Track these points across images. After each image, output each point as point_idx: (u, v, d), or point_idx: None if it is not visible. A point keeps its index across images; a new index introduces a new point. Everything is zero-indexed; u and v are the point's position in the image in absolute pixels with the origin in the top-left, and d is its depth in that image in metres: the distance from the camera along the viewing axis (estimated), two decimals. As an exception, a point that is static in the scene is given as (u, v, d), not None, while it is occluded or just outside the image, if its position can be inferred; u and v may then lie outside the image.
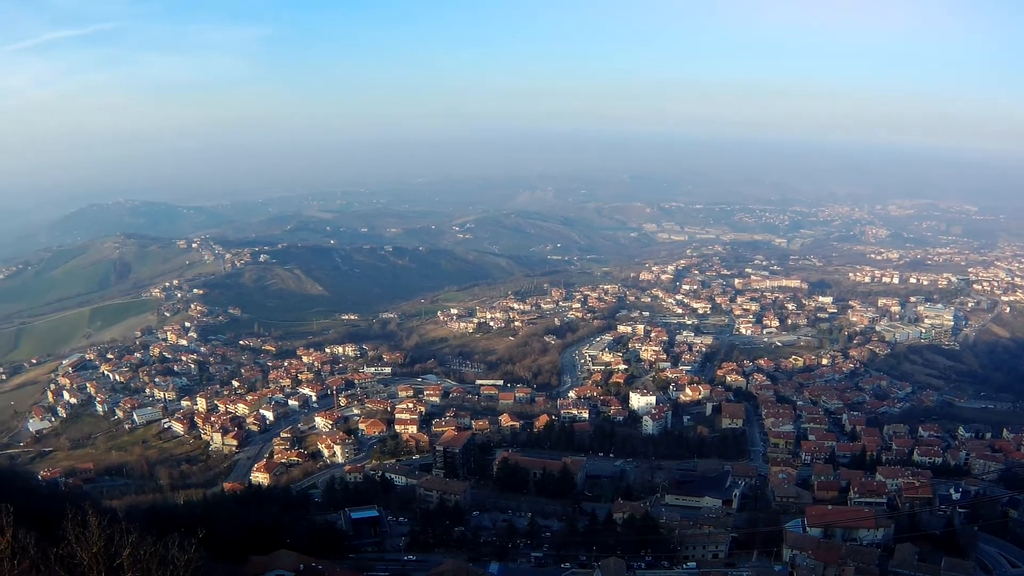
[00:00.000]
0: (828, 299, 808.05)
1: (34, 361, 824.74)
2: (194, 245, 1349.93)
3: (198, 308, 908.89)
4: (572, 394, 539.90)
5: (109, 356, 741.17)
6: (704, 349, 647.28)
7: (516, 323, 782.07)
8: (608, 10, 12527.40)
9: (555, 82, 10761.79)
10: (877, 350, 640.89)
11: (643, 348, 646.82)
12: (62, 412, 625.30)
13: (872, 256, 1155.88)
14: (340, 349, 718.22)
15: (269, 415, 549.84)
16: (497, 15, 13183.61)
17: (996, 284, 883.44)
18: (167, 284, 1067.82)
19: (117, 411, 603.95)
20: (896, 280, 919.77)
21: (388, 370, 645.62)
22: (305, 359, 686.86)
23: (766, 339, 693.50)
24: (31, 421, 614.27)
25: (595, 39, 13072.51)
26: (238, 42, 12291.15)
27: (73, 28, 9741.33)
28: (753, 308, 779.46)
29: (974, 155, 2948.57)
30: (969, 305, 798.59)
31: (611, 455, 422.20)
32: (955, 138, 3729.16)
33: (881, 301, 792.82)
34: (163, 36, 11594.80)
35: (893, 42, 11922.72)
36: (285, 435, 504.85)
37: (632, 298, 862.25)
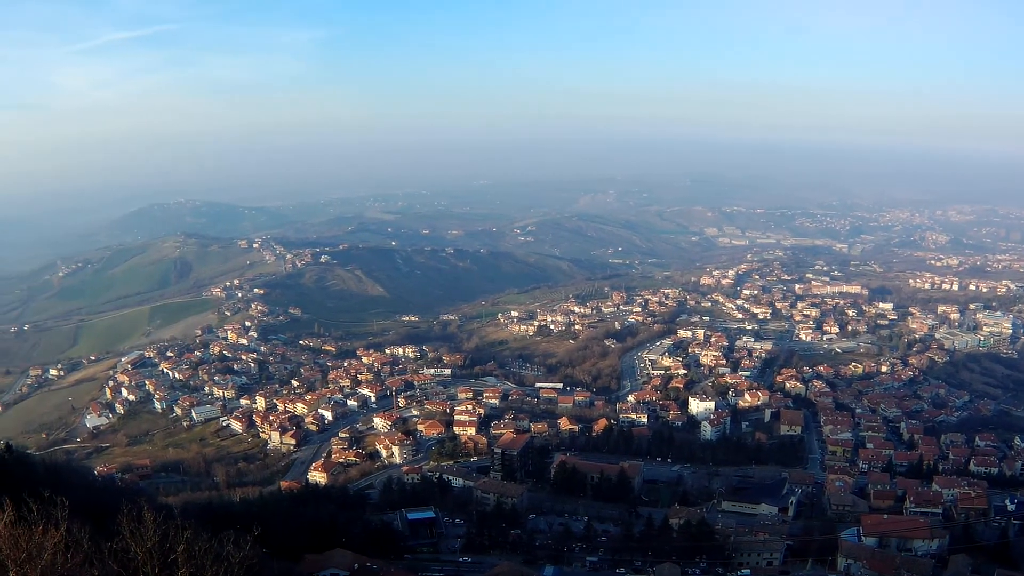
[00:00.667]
0: (888, 306, 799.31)
1: (92, 358, 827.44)
2: (255, 245, 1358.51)
3: (259, 308, 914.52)
4: (631, 398, 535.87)
5: (169, 354, 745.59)
6: (764, 355, 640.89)
7: (576, 326, 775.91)
8: (670, 14, 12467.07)
9: (616, 85, 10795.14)
10: (936, 358, 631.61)
11: (703, 353, 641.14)
12: (120, 409, 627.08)
13: (932, 262, 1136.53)
14: (400, 350, 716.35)
15: (328, 415, 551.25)
16: (556, 17, 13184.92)
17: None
18: (228, 283, 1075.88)
19: (175, 408, 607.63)
20: (955, 287, 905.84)
21: (448, 372, 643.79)
22: (365, 360, 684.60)
23: (826, 345, 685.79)
24: (88, 417, 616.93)
25: (657, 42, 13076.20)
26: (297, 44, 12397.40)
27: (134, 30, 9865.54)
28: (813, 314, 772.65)
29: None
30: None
31: (669, 460, 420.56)
32: (1016, 143, 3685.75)
33: (940, 308, 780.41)
34: (222, 38, 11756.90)
35: (952, 46, 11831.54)
36: (343, 435, 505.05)
37: (692, 302, 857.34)
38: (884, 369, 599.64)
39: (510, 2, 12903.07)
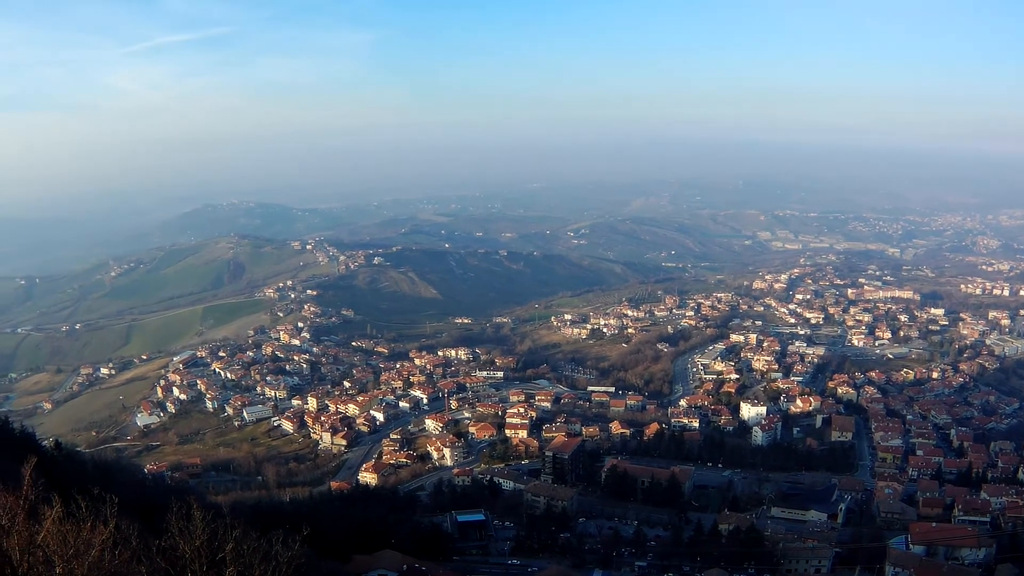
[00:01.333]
0: (939, 311, 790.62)
1: (144, 357, 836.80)
2: (308, 246, 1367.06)
3: (311, 309, 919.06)
4: (683, 403, 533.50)
5: (221, 354, 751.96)
6: (816, 360, 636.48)
7: (629, 330, 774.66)
8: (722, 15, 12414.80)
9: (669, 87, 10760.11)
10: (986, 364, 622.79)
11: (755, 358, 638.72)
12: (171, 408, 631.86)
13: (983, 267, 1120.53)
14: (452, 352, 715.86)
15: (379, 416, 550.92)
16: (608, 20, 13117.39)
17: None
18: (281, 284, 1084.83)
19: (227, 408, 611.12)
20: (1006, 292, 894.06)
21: (500, 374, 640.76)
22: (417, 361, 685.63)
23: (877, 351, 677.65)
24: (139, 416, 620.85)
25: (708, 44, 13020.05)
26: (350, 46, 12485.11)
27: (187, 32, 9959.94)
28: (866, 319, 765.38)
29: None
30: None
31: (719, 465, 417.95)
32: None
33: (991, 314, 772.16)
34: (275, 40, 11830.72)
35: (1011, 48, 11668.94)
36: (395, 436, 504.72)
37: (745, 307, 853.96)
38: (935, 375, 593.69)
39: (562, 5, 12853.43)
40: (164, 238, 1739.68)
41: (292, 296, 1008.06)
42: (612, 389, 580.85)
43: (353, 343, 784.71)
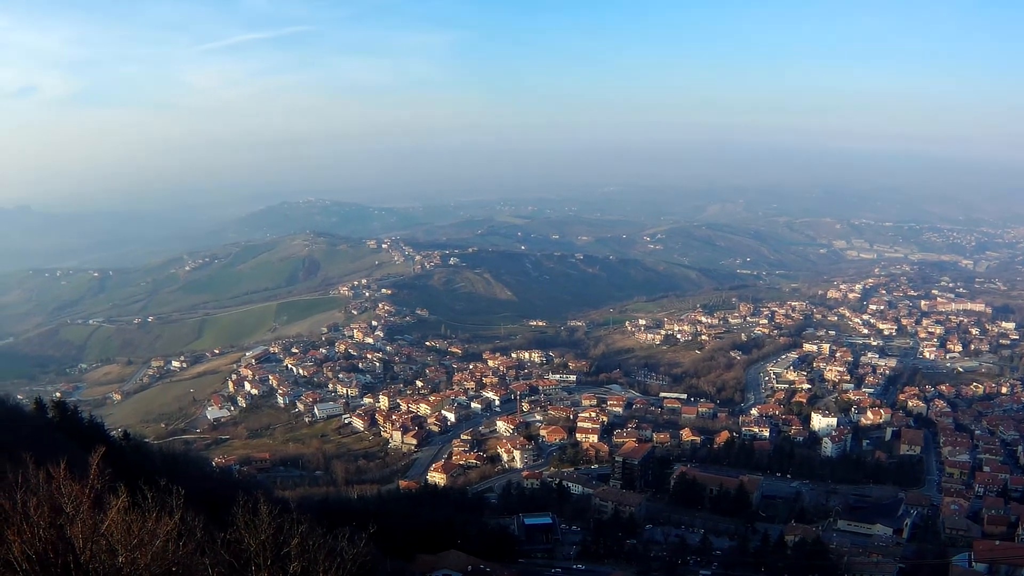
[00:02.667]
0: (1011, 325, 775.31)
1: (216, 351, 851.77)
2: (384, 246, 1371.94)
3: (386, 307, 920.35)
4: (754, 411, 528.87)
5: (294, 350, 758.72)
6: (887, 372, 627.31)
7: (703, 337, 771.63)
8: (799, 22, 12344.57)
9: (746, 92, 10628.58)
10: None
11: (827, 368, 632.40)
12: (242, 402, 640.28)
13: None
14: (526, 355, 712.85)
15: (451, 416, 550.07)
16: (683, 24, 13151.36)
17: None
18: (355, 283, 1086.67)
19: (298, 404, 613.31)
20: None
21: (573, 378, 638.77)
22: (491, 363, 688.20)
23: (948, 364, 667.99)
24: (209, 409, 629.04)
25: (786, 52, 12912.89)
26: (427, 47, 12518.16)
27: (264, 31, 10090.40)
28: (937, 331, 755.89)
29: None
30: None
31: (788, 476, 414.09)
32: None
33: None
34: (353, 40, 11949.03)
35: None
36: (465, 437, 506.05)
37: (819, 316, 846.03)
38: (1004, 390, 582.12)
39: (637, 9, 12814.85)
40: (239, 234, 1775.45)
41: (367, 294, 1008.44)
42: (684, 396, 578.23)
43: (427, 343, 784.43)
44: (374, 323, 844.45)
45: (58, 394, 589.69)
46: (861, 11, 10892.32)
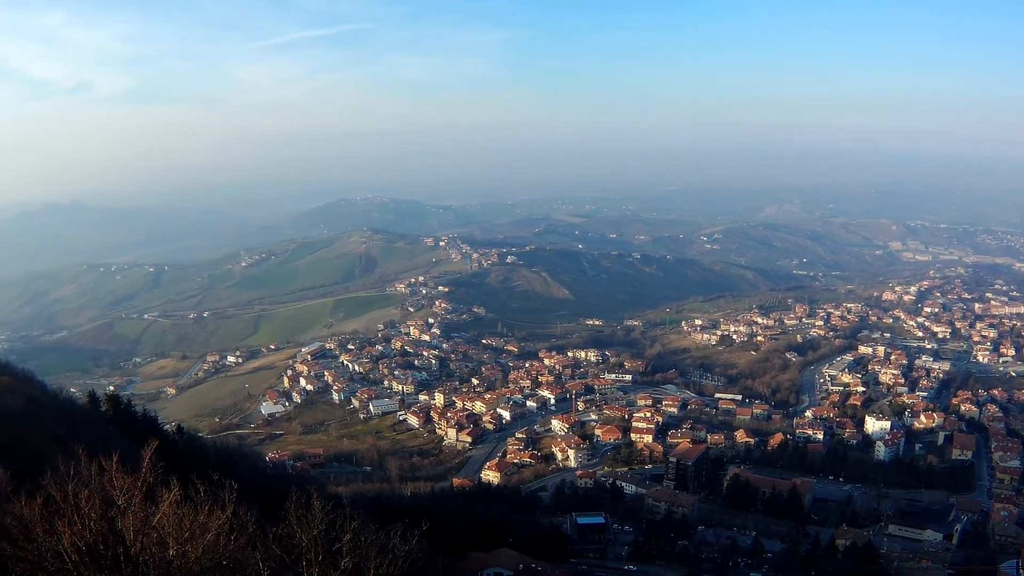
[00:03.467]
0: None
1: (272, 347, 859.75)
2: (441, 243, 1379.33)
3: (442, 305, 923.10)
4: (808, 414, 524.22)
5: (350, 347, 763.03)
6: (941, 375, 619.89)
7: (758, 338, 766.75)
8: (853, 26, 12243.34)
9: (802, 92, 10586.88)
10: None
11: (882, 371, 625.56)
12: (297, 398, 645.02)
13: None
14: (582, 354, 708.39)
15: (506, 414, 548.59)
16: (742, 26, 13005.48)
17: None
18: (412, 280, 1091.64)
19: (353, 400, 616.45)
20: None
21: (628, 377, 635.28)
22: (547, 361, 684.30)
23: (1001, 368, 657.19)
24: (264, 404, 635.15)
25: (844, 52, 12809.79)
26: (482, 45, 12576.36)
27: (317, 28, 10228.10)
28: (991, 335, 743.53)
29: None
30: None
31: (840, 479, 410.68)
32: None
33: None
34: (407, 38, 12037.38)
35: None
36: (520, 435, 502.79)
37: (874, 318, 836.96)
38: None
39: (692, 9, 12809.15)
40: (296, 231, 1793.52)
41: (423, 292, 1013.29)
42: (739, 397, 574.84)
43: (483, 341, 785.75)
44: (430, 320, 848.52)
45: (111, 388, 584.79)
46: (917, 12, 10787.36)
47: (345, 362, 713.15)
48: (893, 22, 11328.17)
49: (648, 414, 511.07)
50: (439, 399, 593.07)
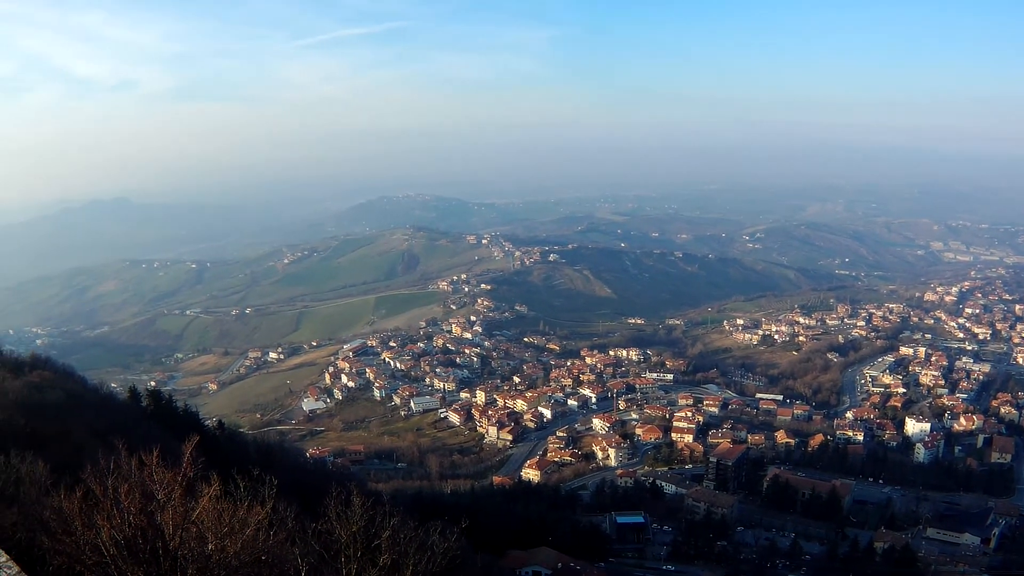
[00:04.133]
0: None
1: (314, 344, 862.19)
2: (484, 241, 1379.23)
3: (484, 303, 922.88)
4: (849, 415, 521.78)
5: (391, 344, 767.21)
6: (981, 377, 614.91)
7: (800, 338, 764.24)
8: (898, 24, 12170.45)
9: (847, 91, 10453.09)
10: None
11: (922, 372, 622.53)
12: (338, 394, 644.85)
13: None
14: (623, 352, 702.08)
15: (547, 413, 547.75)
16: (788, 22, 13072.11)
17: None
18: (454, 278, 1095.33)
19: (394, 397, 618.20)
20: None
21: (670, 377, 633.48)
22: (588, 360, 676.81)
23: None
24: (305, 401, 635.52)
25: (886, 51, 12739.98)
26: (527, 43, 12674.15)
27: (362, 26, 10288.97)
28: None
29: None
30: None
31: (880, 481, 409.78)
32: None
33: None
34: (453, 36, 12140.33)
35: None
36: (561, 434, 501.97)
37: (915, 319, 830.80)
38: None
39: (738, 8, 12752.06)
40: (338, 228, 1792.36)
41: (466, 289, 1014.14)
42: (780, 397, 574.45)
43: (525, 339, 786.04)
44: (473, 318, 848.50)
45: (152, 383, 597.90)
46: (968, 9, 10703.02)
47: (387, 359, 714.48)
48: (942, 20, 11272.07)
49: (689, 414, 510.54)
50: (480, 397, 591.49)
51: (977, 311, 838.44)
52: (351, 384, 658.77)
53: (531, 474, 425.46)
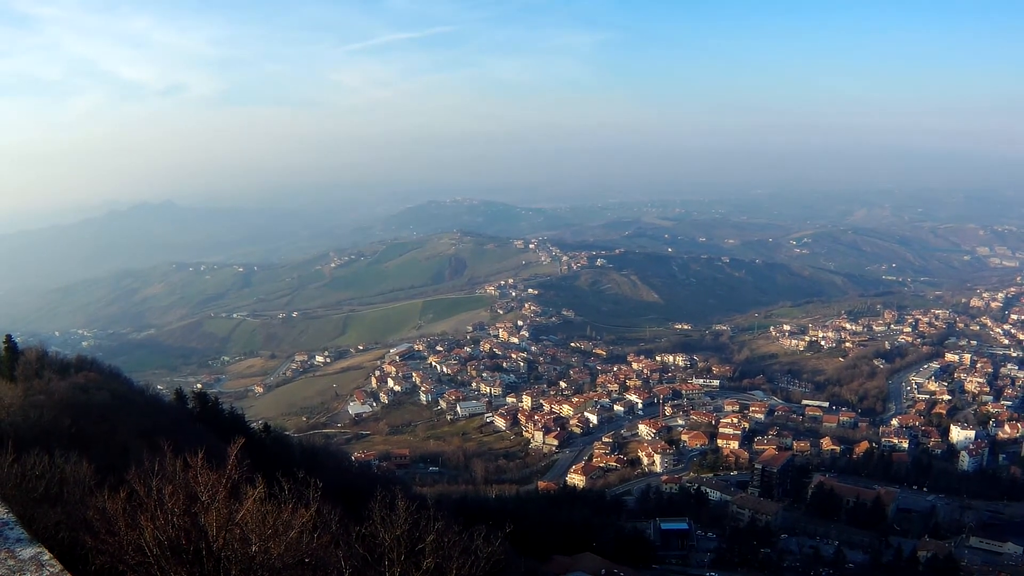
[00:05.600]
0: None
1: (360, 347, 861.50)
2: (531, 246, 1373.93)
3: (531, 307, 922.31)
4: (894, 422, 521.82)
5: (438, 348, 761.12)
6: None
7: (847, 344, 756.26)
8: (943, 25, 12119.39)
9: (896, 95, 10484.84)
10: None
11: (968, 379, 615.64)
12: (384, 398, 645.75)
13: None
14: (670, 358, 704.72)
15: (593, 418, 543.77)
16: (830, 27, 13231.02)
17: None
18: (502, 282, 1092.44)
19: (440, 402, 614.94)
20: None
21: (716, 383, 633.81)
22: (635, 365, 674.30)
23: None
24: (351, 404, 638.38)
25: (933, 54, 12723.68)
26: (575, 47, 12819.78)
27: (410, 31, 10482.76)
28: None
29: None
30: None
31: (924, 489, 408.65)
32: None
33: None
34: (500, 41, 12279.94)
35: None
36: (606, 440, 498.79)
37: (961, 325, 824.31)
38: None
39: (786, 11, 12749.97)
40: (386, 232, 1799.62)
41: (513, 294, 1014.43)
42: (826, 404, 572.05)
43: (571, 344, 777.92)
44: (519, 323, 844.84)
45: (199, 385, 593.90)
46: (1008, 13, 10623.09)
47: (433, 363, 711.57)
48: (994, 22, 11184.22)
49: (735, 420, 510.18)
50: (526, 402, 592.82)
51: (1023, 317, 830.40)
52: (397, 388, 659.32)
53: (576, 479, 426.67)
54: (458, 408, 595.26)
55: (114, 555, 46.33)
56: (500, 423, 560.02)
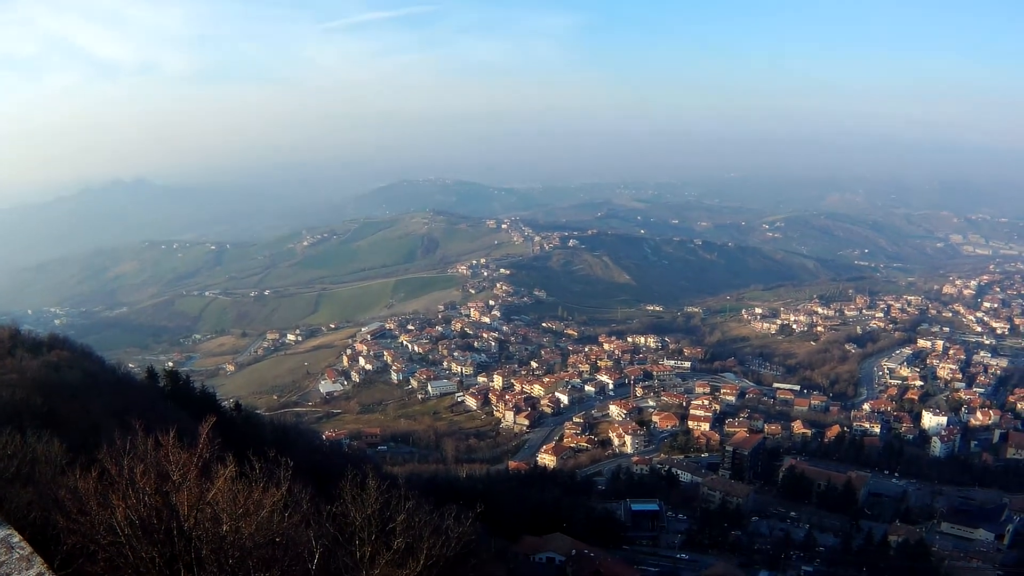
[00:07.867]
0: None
1: (332, 326, 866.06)
2: (503, 226, 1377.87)
3: (503, 287, 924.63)
4: (866, 406, 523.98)
5: (409, 327, 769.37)
6: (999, 372, 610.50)
7: (818, 328, 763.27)
8: (919, 13, 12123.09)
9: (868, 80, 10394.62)
10: None
11: (940, 365, 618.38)
12: (355, 377, 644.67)
13: None
14: (641, 339, 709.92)
15: (564, 398, 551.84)
16: (807, 8, 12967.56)
17: None
18: (474, 262, 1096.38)
19: (411, 381, 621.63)
20: None
21: (687, 364, 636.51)
22: (606, 346, 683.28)
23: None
24: (323, 383, 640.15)
25: (910, 39, 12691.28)
26: (552, 29, 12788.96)
27: (387, 10, 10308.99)
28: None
29: None
30: None
31: (896, 474, 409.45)
32: None
33: None
34: (475, 21, 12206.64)
35: None
36: (577, 420, 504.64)
37: (934, 311, 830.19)
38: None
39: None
40: (359, 211, 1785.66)
41: (484, 274, 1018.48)
42: (797, 387, 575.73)
43: (543, 324, 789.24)
44: (491, 302, 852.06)
45: (170, 364, 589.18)
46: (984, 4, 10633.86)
47: (405, 342, 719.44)
48: (971, 13, 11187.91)
49: (706, 402, 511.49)
50: (498, 381, 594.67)
51: (995, 305, 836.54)
52: (368, 367, 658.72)
53: (547, 459, 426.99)
54: (429, 387, 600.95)
55: (86, 535, 46.14)
56: (471, 403, 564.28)
